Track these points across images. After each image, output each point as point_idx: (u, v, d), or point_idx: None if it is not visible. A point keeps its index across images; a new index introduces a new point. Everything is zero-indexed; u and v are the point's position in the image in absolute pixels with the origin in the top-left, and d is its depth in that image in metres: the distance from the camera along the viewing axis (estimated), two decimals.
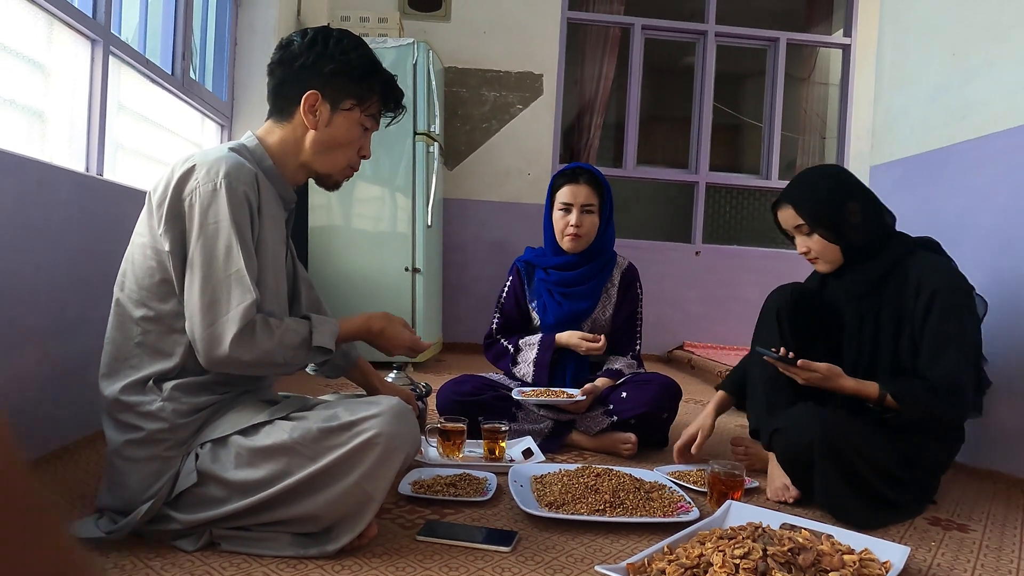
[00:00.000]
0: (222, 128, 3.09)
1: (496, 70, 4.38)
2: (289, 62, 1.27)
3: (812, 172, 1.70)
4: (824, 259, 1.67)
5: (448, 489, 1.50)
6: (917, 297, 1.58)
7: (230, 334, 1.11)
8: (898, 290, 1.62)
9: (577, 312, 2.16)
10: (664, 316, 4.40)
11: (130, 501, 1.16)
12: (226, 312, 1.12)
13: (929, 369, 1.54)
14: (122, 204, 1.90)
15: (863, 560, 1.16)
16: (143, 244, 1.19)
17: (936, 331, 1.54)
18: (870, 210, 1.64)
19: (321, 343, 1.21)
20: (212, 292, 1.13)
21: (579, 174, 2.12)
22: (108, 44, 2.04)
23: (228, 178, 1.15)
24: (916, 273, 1.60)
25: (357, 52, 1.28)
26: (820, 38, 4.98)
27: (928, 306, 1.56)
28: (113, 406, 1.17)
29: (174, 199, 1.15)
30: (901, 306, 1.61)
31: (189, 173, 1.16)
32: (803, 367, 1.49)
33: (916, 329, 1.58)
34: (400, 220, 3.43)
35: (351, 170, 1.36)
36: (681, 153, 4.91)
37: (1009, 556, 1.36)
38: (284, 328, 1.18)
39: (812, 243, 1.65)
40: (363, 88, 1.29)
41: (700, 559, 1.08)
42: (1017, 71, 1.94)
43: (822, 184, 1.64)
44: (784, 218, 1.68)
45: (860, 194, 1.65)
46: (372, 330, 1.35)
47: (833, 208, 1.61)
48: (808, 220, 1.63)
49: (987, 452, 1.95)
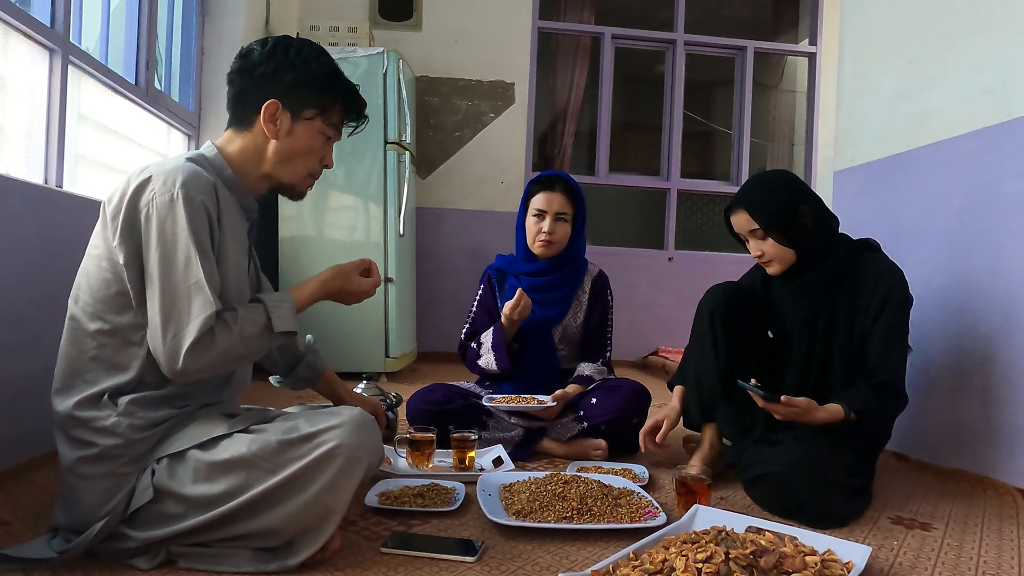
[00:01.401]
0: (189, 139, 3.05)
1: (468, 79, 4.39)
2: (249, 71, 1.26)
3: (764, 177, 1.74)
4: (777, 261, 1.70)
5: (416, 500, 1.49)
6: (872, 296, 1.65)
7: (186, 345, 1.09)
8: (852, 289, 1.68)
9: (548, 319, 2.16)
10: (638, 322, 4.42)
11: (84, 520, 1.13)
12: (187, 324, 1.10)
13: (878, 365, 1.62)
14: (82, 216, 1.87)
15: (825, 561, 1.17)
16: (98, 256, 1.17)
17: (888, 328, 1.63)
18: (820, 213, 1.68)
19: (283, 328, 1.19)
20: (172, 304, 1.11)
21: (555, 182, 2.13)
22: (67, 54, 2.01)
23: (185, 188, 1.13)
24: (870, 273, 1.67)
25: (319, 61, 1.27)
26: (787, 47, 5.08)
27: (882, 304, 1.64)
28: (66, 422, 1.15)
29: (129, 210, 1.14)
30: (854, 304, 1.67)
31: (144, 184, 1.14)
32: (786, 403, 1.50)
33: (867, 325, 1.65)
34: (372, 230, 3.41)
35: (312, 179, 1.35)
36: (653, 160, 4.96)
37: (969, 554, 1.39)
38: (241, 320, 1.15)
39: (766, 247, 1.68)
40: (325, 98, 1.28)
41: (664, 564, 1.09)
42: (969, 79, 1.99)
43: (775, 189, 1.68)
44: (738, 223, 1.71)
45: (811, 198, 1.69)
46: (330, 293, 1.32)
47: (787, 212, 1.65)
48: (763, 224, 1.65)
49: (949, 451, 1.99)
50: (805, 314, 1.73)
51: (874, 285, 1.65)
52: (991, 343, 1.86)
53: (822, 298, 1.71)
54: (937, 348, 2.06)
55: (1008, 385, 1.80)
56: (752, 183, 1.73)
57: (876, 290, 1.64)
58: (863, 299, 1.66)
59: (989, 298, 1.88)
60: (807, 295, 1.73)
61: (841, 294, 1.69)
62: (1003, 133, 1.86)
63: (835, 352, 1.70)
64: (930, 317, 2.09)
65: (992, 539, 1.48)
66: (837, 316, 1.70)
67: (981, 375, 1.89)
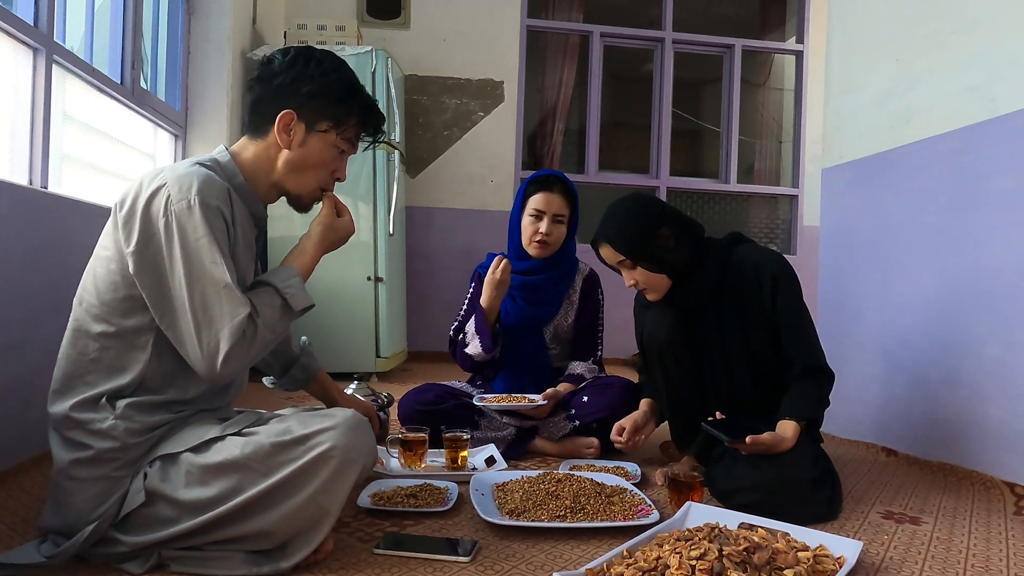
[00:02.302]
0: (176, 138, 3.02)
1: (457, 77, 4.38)
2: (268, 79, 1.26)
3: (619, 206, 1.69)
4: (652, 289, 1.68)
5: (408, 500, 1.48)
6: (760, 286, 1.66)
7: (225, 349, 1.10)
8: (735, 288, 1.68)
9: (539, 317, 2.16)
10: (629, 320, 4.39)
11: (75, 523, 1.12)
12: (223, 327, 1.10)
13: (798, 353, 1.64)
14: (68, 217, 1.85)
15: (817, 556, 1.18)
16: (107, 258, 1.16)
17: (790, 312, 1.65)
18: (679, 230, 1.65)
19: (302, 305, 1.21)
20: (205, 309, 1.11)
21: (553, 183, 2.12)
22: (52, 53, 1.99)
23: (201, 194, 1.13)
24: (749, 266, 1.67)
25: (338, 74, 1.28)
26: (774, 45, 5.10)
27: (773, 290, 1.65)
28: (62, 423, 1.14)
29: (144, 217, 1.12)
30: (742, 301, 1.68)
31: (159, 190, 1.13)
32: (752, 442, 1.49)
33: (767, 315, 1.66)
34: (362, 229, 3.39)
35: (321, 192, 1.34)
36: (642, 158, 4.97)
37: (958, 547, 1.40)
38: (261, 309, 1.15)
39: (637, 275, 1.67)
40: (341, 111, 1.28)
41: (658, 561, 1.09)
42: (955, 77, 2.01)
43: (632, 218, 1.65)
44: (606, 255, 1.69)
45: (668, 217, 1.66)
46: (327, 250, 1.33)
47: (647, 239, 1.62)
48: (626, 254, 1.64)
49: (937, 446, 2.01)
50: (700, 327, 1.72)
51: (756, 277, 1.65)
52: (978, 339, 1.88)
53: (707, 310, 1.70)
54: (924, 344, 2.08)
55: (995, 380, 1.82)
56: (609, 214, 1.69)
57: (760, 281, 1.65)
58: (750, 294, 1.66)
59: (975, 294, 1.90)
60: (693, 311, 1.71)
61: (726, 297, 1.68)
62: (988, 131, 1.88)
63: (735, 356, 1.69)
64: (917, 313, 2.11)
65: (981, 532, 1.50)
66: (726, 319, 1.69)
67: (967, 370, 1.91)
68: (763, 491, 1.49)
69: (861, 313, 2.37)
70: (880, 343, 2.25)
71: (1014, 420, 1.76)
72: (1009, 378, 1.78)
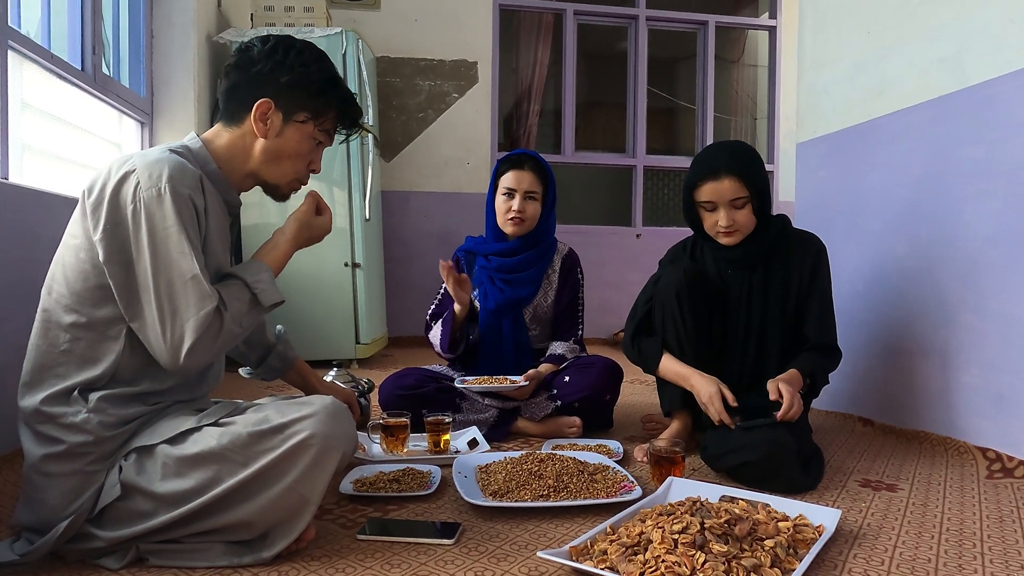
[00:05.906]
0: (142, 126, 2.95)
1: (429, 59, 4.32)
2: (245, 67, 1.23)
3: (740, 145, 1.74)
4: (743, 231, 1.71)
5: (391, 485, 1.48)
6: (803, 265, 1.74)
7: (190, 341, 1.08)
8: (784, 259, 1.75)
9: (518, 298, 2.15)
10: (608, 299, 4.45)
11: (49, 519, 1.09)
12: (188, 319, 1.08)
13: (819, 329, 1.73)
14: (30, 208, 1.79)
15: (797, 526, 1.19)
16: (76, 247, 1.13)
17: (822, 293, 1.76)
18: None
19: (271, 301, 1.19)
20: (170, 300, 1.08)
21: (524, 160, 2.12)
22: (6, 38, 1.91)
23: (172, 181, 1.10)
24: (797, 243, 1.77)
25: (318, 65, 1.26)
26: (747, 20, 5.10)
27: (815, 266, 1.74)
28: (32, 417, 1.11)
29: (112, 204, 1.09)
30: (787, 270, 1.75)
31: (127, 176, 1.10)
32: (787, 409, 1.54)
33: (803, 291, 1.74)
34: (337, 215, 3.35)
35: (298, 183, 1.33)
36: (619, 138, 4.96)
37: (934, 512, 1.43)
38: (229, 303, 1.13)
39: (740, 215, 1.68)
40: (319, 102, 1.26)
41: (641, 536, 1.10)
42: (926, 48, 2.02)
43: (756, 156, 1.72)
44: (720, 189, 1.64)
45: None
46: (300, 247, 1.32)
47: (766, 179, 1.71)
48: (754, 190, 1.66)
49: (912, 414, 2.04)
50: (741, 287, 1.77)
51: (803, 254, 1.75)
52: (950, 307, 1.91)
53: (756, 270, 1.76)
54: (898, 313, 2.11)
55: (967, 348, 1.86)
56: (733, 149, 1.69)
57: (805, 259, 1.74)
58: (795, 268, 1.75)
59: (947, 262, 1.92)
60: (745, 267, 1.76)
61: (773, 265, 1.75)
62: (958, 101, 1.89)
63: (770, 322, 1.75)
64: (891, 283, 2.13)
65: (955, 496, 1.53)
66: (770, 287, 1.75)
67: (941, 339, 1.94)
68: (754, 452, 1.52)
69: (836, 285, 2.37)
70: (856, 315, 2.28)
71: (986, 387, 1.80)
72: (981, 346, 1.81)
